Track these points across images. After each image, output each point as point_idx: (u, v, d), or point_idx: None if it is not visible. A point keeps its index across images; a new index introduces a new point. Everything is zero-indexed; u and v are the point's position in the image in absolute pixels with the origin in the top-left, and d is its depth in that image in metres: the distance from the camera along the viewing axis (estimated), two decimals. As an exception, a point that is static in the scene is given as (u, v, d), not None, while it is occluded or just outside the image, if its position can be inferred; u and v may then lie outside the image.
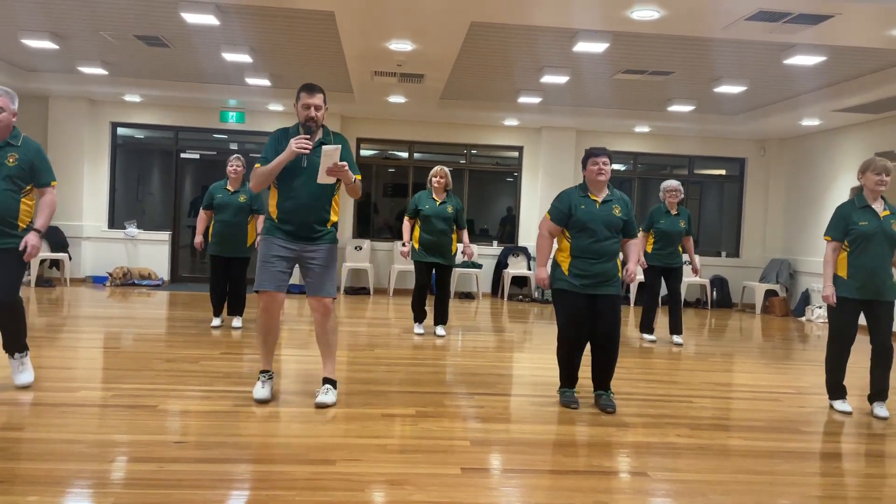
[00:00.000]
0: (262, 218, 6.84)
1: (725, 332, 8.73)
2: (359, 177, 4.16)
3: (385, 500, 2.84)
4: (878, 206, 4.60)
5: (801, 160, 11.00)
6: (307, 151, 3.97)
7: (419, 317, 7.12)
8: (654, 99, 9.47)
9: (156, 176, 12.05)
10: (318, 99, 4.11)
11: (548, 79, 8.28)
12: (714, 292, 11.37)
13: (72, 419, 3.75)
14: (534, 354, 6.52)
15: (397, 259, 10.94)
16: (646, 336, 7.35)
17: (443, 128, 11.36)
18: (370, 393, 4.59)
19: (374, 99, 9.65)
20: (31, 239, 4.09)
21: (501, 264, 11.30)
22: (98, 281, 10.53)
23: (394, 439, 3.63)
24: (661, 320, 7.81)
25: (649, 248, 7.28)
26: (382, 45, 6.83)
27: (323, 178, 4.00)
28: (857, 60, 7.10)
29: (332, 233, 4.24)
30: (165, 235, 11.00)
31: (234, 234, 6.68)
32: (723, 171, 12.18)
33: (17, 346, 4.28)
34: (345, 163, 3.98)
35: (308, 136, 4.03)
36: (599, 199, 4.43)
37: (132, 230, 10.86)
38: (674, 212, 7.20)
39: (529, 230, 11.48)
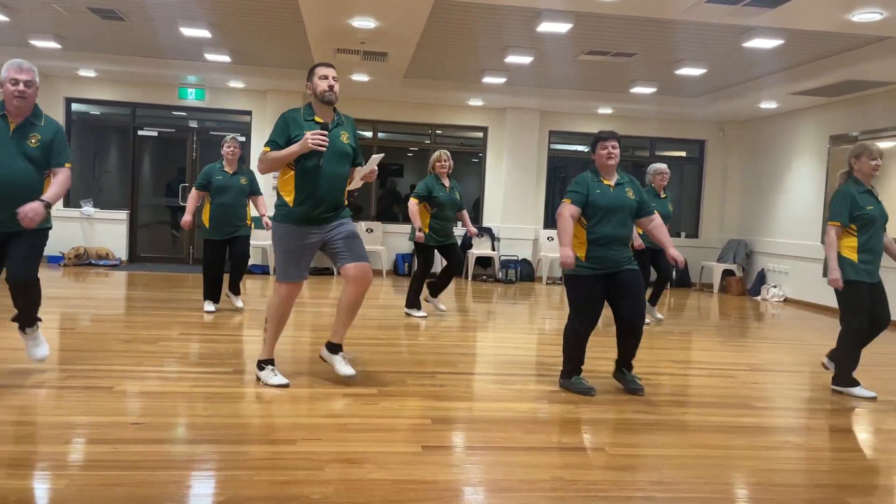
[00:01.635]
0: (261, 199, 6.84)
1: (684, 310, 8.90)
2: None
3: (345, 478, 2.84)
4: (873, 191, 4.71)
5: (758, 142, 11.20)
6: (323, 149, 3.89)
7: (415, 303, 7.16)
8: (617, 81, 9.52)
9: (113, 153, 11.77)
10: (333, 70, 4.06)
11: (512, 59, 8.26)
12: (674, 272, 11.56)
13: (26, 401, 3.68)
14: (497, 334, 6.57)
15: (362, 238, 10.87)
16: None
17: (407, 107, 11.28)
18: (332, 372, 4.57)
19: (338, 77, 9.51)
20: (33, 204, 3.69)
21: (465, 245, 11.33)
22: (53, 261, 10.28)
23: (355, 419, 3.63)
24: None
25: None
26: (345, 22, 6.74)
27: (355, 184, 4.11)
28: (813, 44, 7.22)
29: (347, 207, 4.24)
30: (123, 214, 10.77)
31: (235, 216, 6.61)
32: (683, 153, 12.35)
33: (29, 321, 4.10)
34: (376, 169, 4.08)
35: (325, 134, 3.92)
36: (612, 184, 4.42)
37: (88, 209, 10.61)
38: (662, 195, 7.21)
39: (493, 211, 11.52)
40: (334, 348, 4.28)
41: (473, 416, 3.82)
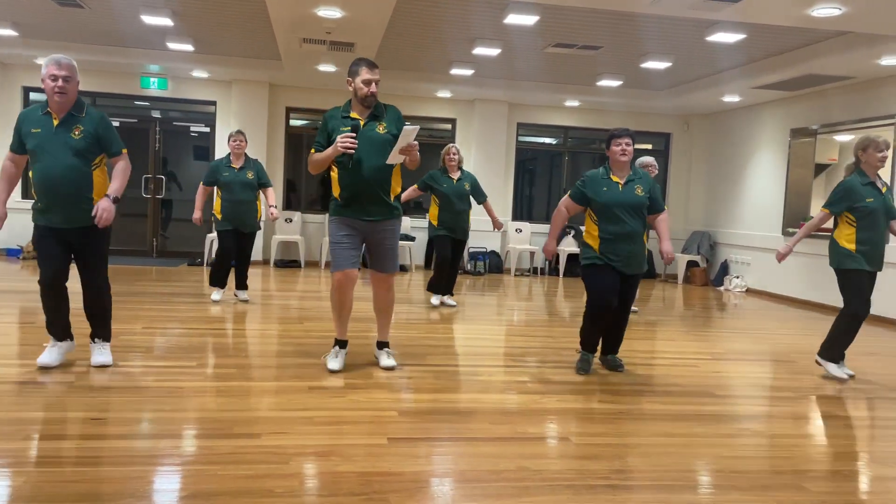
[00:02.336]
0: (270, 191, 6.80)
1: (649, 301, 9.01)
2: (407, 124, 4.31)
3: (310, 471, 2.83)
4: (878, 183, 4.78)
5: (722, 135, 11.37)
6: (352, 152, 4.08)
7: (437, 289, 7.28)
8: (583, 73, 9.58)
9: (73, 144, 11.48)
10: (377, 74, 4.19)
11: (480, 51, 8.26)
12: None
13: (-19, 398, 3.59)
14: (465, 326, 6.58)
15: (327, 231, 10.82)
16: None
17: (374, 98, 11.20)
18: (299, 366, 4.55)
19: (304, 67, 9.44)
20: (102, 203, 3.89)
21: (433, 236, 11.32)
22: (12, 254, 10.04)
23: (321, 411, 3.62)
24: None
25: None
26: (310, 12, 6.67)
27: (394, 158, 4.14)
28: (774, 39, 7.35)
29: (397, 205, 4.36)
30: (84, 206, 10.54)
31: (245, 211, 6.63)
32: (649, 146, 12.47)
33: (102, 331, 4.21)
34: (416, 143, 4.12)
35: (354, 136, 4.09)
36: (622, 181, 4.53)
37: (48, 201, 10.36)
38: None
39: (461, 202, 11.52)
40: (379, 345, 4.64)
41: (440, 407, 3.83)
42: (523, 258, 11.63)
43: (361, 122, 4.19)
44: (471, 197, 7.06)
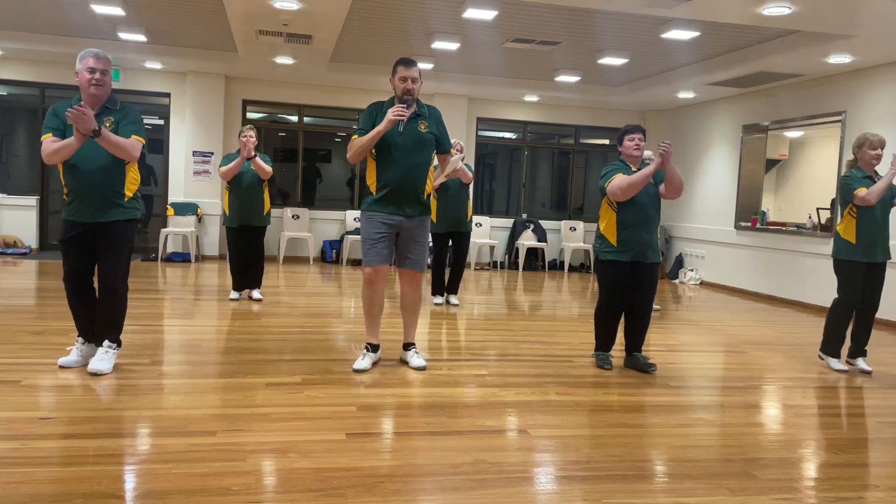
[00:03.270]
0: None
1: (607, 295, 9.12)
2: (453, 150, 4.50)
3: (267, 468, 2.81)
4: (876, 178, 4.93)
5: (677, 131, 11.57)
6: (404, 118, 4.16)
7: (437, 289, 7.24)
8: (542, 69, 9.64)
9: (21, 136, 11.17)
10: (414, 72, 4.25)
11: (439, 45, 8.25)
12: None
13: (-78, 398, 3.47)
14: (424, 320, 6.58)
15: (287, 225, 10.72)
16: None
17: (334, 91, 11.13)
18: (256, 362, 4.50)
19: (261, 59, 9.31)
20: (90, 114, 3.68)
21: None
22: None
23: (278, 408, 3.59)
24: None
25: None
26: (267, 3, 6.57)
27: (440, 179, 4.59)
28: (728, 37, 7.49)
29: (428, 204, 4.43)
30: (33, 200, 10.26)
31: (251, 204, 6.64)
32: (606, 141, 12.63)
33: (110, 334, 4.05)
34: (461, 166, 4.39)
35: (405, 105, 4.20)
36: (636, 170, 4.69)
37: (-6, 195, 10.06)
38: None
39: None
40: (405, 346, 4.64)
41: (399, 402, 3.83)
42: (483, 252, 11.66)
43: (404, 120, 4.27)
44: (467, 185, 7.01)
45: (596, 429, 3.53)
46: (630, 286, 4.74)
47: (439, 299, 7.27)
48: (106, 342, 4.06)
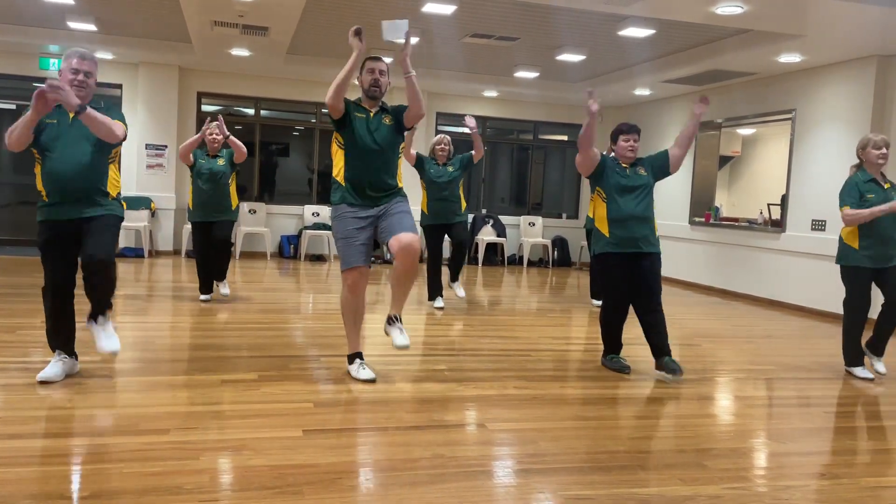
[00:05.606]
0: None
1: (565, 289, 9.23)
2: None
3: (222, 466, 2.77)
4: (881, 180, 4.84)
5: (634, 128, 11.71)
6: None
7: (434, 292, 6.95)
8: (501, 64, 9.67)
9: (-36, 127, 10.77)
10: (382, 64, 4.21)
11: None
12: (555, 252, 11.96)
13: None
14: (382, 315, 6.55)
15: (244, 220, 10.56)
16: (594, 302, 7.49)
17: (291, 84, 10.99)
18: (210, 359, 4.43)
19: (216, 51, 9.14)
20: (69, 90, 3.51)
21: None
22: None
23: (233, 405, 3.54)
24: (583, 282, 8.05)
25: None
26: (222, -6, 6.46)
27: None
28: (683, 35, 7.61)
29: (400, 188, 4.25)
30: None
31: (217, 199, 6.38)
32: (565, 137, 12.74)
33: (101, 308, 3.72)
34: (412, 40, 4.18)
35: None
36: (628, 166, 4.72)
37: (-64, 188, 9.69)
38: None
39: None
40: (390, 320, 4.20)
41: (357, 397, 3.81)
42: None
43: (371, 114, 4.22)
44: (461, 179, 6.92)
45: (553, 422, 3.57)
46: (629, 279, 4.58)
47: (440, 302, 6.90)
48: (100, 317, 3.75)
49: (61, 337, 3.81)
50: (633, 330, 4.91)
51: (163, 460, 2.78)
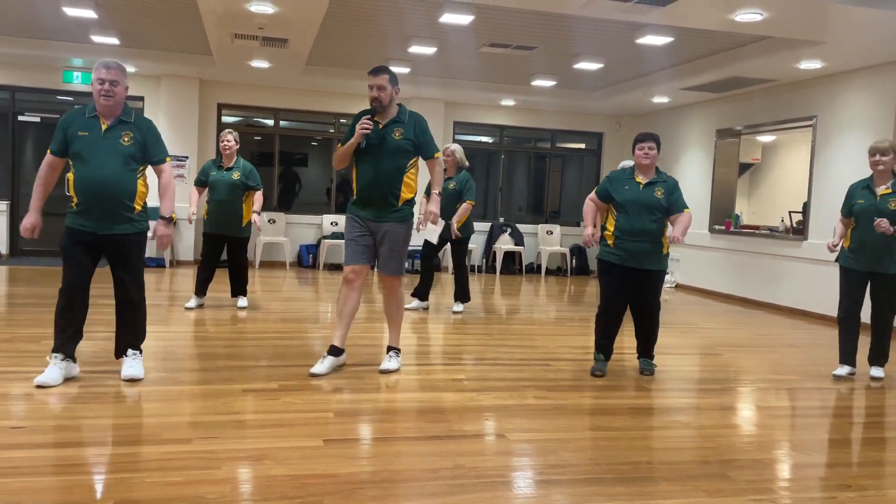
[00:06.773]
0: (259, 194, 6.57)
1: (583, 297, 9.19)
2: (438, 154, 4.52)
3: (243, 476, 2.78)
4: (881, 186, 4.88)
5: (653, 135, 11.66)
6: (368, 131, 4.26)
7: (419, 292, 7.13)
8: (518, 73, 9.69)
9: (-10, 140, 10.95)
10: (381, 79, 4.31)
11: (416, 49, 8.25)
12: (573, 260, 11.92)
13: None
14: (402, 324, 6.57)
15: (263, 230, 10.62)
16: None
17: (310, 95, 11.07)
18: (231, 368, 4.46)
19: (236, 63, 9.24)
20: (159, 229, 3.95)
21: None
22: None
23: (254, 415, 3.56)
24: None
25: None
26: (242, 6, 6.53)
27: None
28: (701, 42, 7.58)
29: (404, 210, 4.43)
30: (3, 205, 10.08)
31: (228, 213, 6.47)
32: (582, 145, 12.71)
33: (134, 342, 4.05)
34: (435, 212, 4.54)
35: (371, 116, 4.31)
36: (644, 182, 4.68)
37: (-37, 200, 9.86)
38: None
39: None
40: (388, 349, 4.66)
41: (377, 407, 3.82)
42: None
43: (381, 125, 4.36)
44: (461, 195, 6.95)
45: (573, 432, 3.55)
46: (628, 290, 4.73)
47: (415, 303, 7.10)
48: (129, 350, 4.07)
49: (65, 337, 3.90)
50: (634, 340, 4.87)
51: (185, 469, 2.80)
